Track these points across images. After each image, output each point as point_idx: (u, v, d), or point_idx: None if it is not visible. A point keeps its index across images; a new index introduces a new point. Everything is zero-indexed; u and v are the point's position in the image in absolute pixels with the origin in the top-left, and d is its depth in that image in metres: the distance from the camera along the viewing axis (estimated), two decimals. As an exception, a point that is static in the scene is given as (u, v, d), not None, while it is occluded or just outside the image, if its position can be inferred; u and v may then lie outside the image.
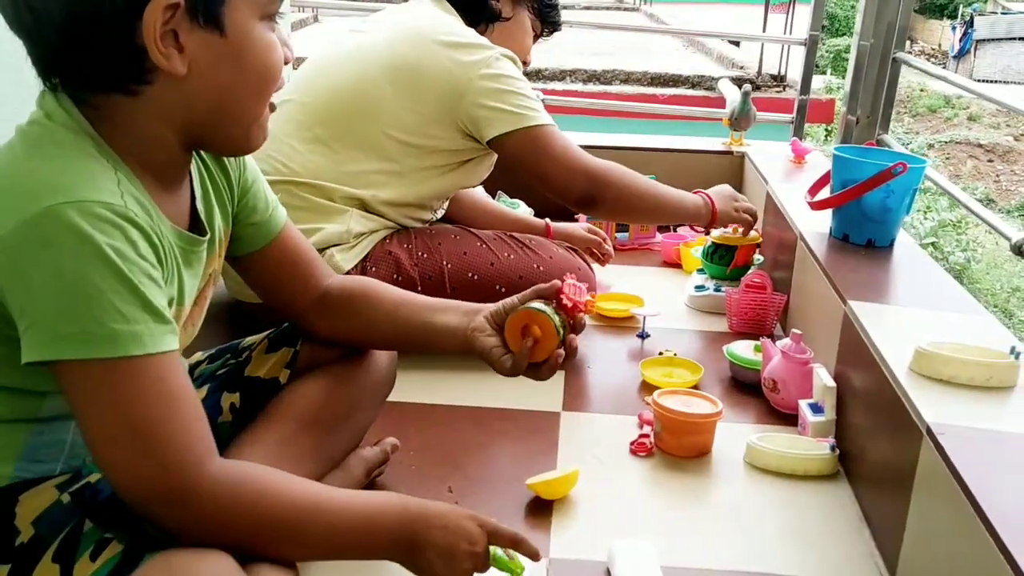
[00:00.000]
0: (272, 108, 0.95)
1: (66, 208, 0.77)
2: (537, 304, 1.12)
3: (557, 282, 1.15)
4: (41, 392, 0.87)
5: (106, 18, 0.81)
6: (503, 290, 1.65)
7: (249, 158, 1.10)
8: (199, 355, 1.24)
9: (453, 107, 1.64)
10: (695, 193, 1.90)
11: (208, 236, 0.99)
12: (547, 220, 2.08)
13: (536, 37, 1.90)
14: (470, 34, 1.70)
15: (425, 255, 1.68)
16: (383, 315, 1.20)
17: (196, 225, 0.98)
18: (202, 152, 1.02)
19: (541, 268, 1.70)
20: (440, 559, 0.92)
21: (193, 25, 0.84)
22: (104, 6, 0.81)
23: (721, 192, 1.93)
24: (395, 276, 1.65)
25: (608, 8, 11.66)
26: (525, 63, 1.87)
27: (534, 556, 0.97)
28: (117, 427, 0.80)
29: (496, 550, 1.01)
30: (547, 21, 1.89)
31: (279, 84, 0.93)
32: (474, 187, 1.91)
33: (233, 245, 1.10)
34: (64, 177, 0.80)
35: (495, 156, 1.77)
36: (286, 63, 0.93)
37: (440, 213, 1.87)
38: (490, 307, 1.17)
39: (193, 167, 1.00)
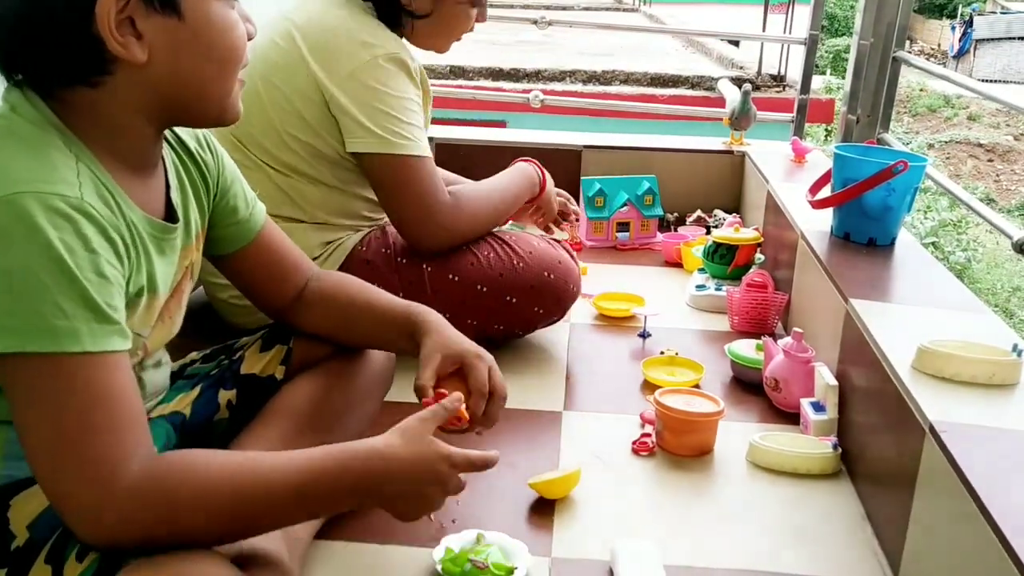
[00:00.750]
0: (241, 84, 0.96)
1: (20, 198, 0.77)
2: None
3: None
4: None
5: (60, 13, 0.82)
6: (484, 290, 1.64)
7: (228, 158, 1.10)
8: (194, 355, 1.24)
9: (328, 112, 1.54)
10: (528, 163, 1.86)
11: (181, 223, 0.99)
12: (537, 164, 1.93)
13: (476, 3, 1.66)
14: (354, 32, 1.54)
15: (404, 260, 1.63)
16: (352, 320, 1.22)
17: (171, 215, 0.98)
18: (178, 148, 1.02)
19: (520, 265, 1.67)
20: (408, 502, 0.95)
21: (150, 11, 0.84)
22: (57, 2, 0.81)
23: (552, 188, 1.91)
24: (374, 283, 1.61)
25: (607, 9, 11.66)
26: (457, 38, 1.70)
27: (491, 462, 1.01)
28: (43, 425, 0.79)
29: (492, 558, 1.02)
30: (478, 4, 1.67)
31: (244, 61, 0.94)
32: None
33: (215, 245, 1.11)
34: (20, 168, 0.80)
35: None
36: (249, 39, 0.94)
37: None
38: (426, 347, 1.15)
39: (168, 157, 1.00)
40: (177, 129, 1.02)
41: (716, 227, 2.47)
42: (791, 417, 1.53)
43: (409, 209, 1.59)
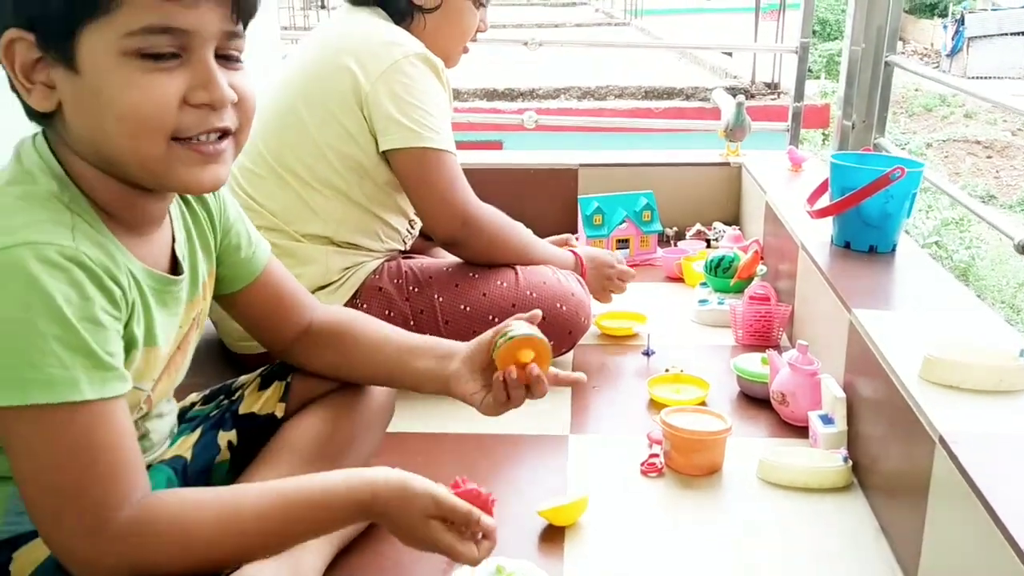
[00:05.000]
0: (200, 152, 0.87)
1: (14, 251, 0.78)
2: (526, 329, 1.13)
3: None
4: None
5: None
6: (496, 320, 1.63)
7: (229, 196, 1.10)
8: (194, 396, 1.23)
9: (362, 116, 1.60)
10: (569, 251, 1.86)
11: (187, 276, 0.99)
12: (574, 249, 1.91)
13: (479, 3, 1.76)
14: (384, 36, 1.62)
15: (416, 289, 1.66)
16: (363, 354, 1.20)
17: (175, 267, 0.98)
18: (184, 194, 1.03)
19: (534, 295, 1.67)
20: (402, 537, 0.96)
21: (52, 61, 0.82)
22: None
23: (595, 258, 1.88)
24: (387, 312, 1.63)
25: (599, 24, 11.71)
26: (473, 40, 1.80)
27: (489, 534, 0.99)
28: (41, 476, 0.80)
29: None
30: None
31: (167, 126, 0.84)
32: None
33: (218, 284, 1.10)
34: (15, 221, 0.80)
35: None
36: (197, 104, 0.85)
37: (416, 229, 1.84)
38: (462, 350, 1.18)
39: (175, 209, 1.00)
40: None
41: (716, 240, 2.46)
42: (800, 431, 1.51)
43: (433, 196, 1.63)
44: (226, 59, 0.88)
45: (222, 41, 0.86)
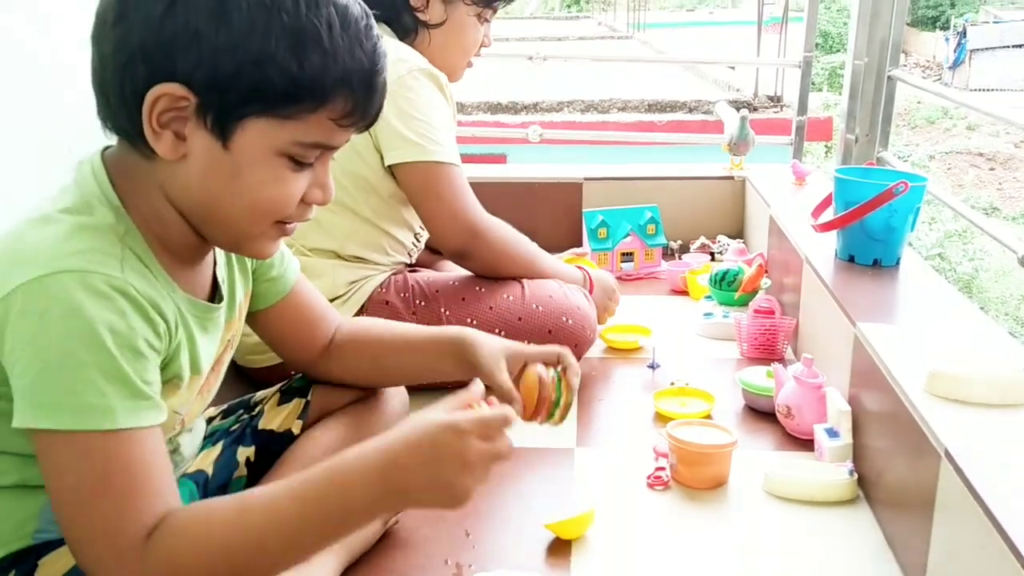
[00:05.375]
0: (282, 232, 0.94)
1: (60, 277, 0.79)
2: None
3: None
4: None
5: (128, 76, 0.82)
6: (502, 333, 1.64)
7: None
8: (212, 411, 1.24)
9: (368, 132, 1.62)
10: (578, 268, 1.87)
11: (222, 302, 1.00)
12: (584, 269, 1.92)
13: (483, 19, 1.77)
14: (389, 52, 1.65)
15: (423, 303, 1.68)
16: (387, 356, 1.23)
17: (215, 291, 1.00)
18: None
19: (540, 308, 1.68)
20: (437, 495, 0.84)
21: (199, 123, 0.83)
22: (131, 66, 0.82)
23: (602, 279, 1.90)
24: None
25: (602, 38, 11.76)
26: (477, 55, 1.82)
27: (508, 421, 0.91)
28: (72, 496, 0.80)
29: None
30: (489, 2, 1.76)
31: (283, 216, 0.91)
32: None
33: (251, 302, 1.12)
34: (68, 247, 0.81)
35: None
36: (309, 202, 0.93)
37: (422, 242, 1.86)
38: (480, 358, 1.20)
39: None
40: None
41: (720, 253, 2.47)
42: (805, 444, 1.52)
43: (440, 209, 1.65)
44: None
45: None
